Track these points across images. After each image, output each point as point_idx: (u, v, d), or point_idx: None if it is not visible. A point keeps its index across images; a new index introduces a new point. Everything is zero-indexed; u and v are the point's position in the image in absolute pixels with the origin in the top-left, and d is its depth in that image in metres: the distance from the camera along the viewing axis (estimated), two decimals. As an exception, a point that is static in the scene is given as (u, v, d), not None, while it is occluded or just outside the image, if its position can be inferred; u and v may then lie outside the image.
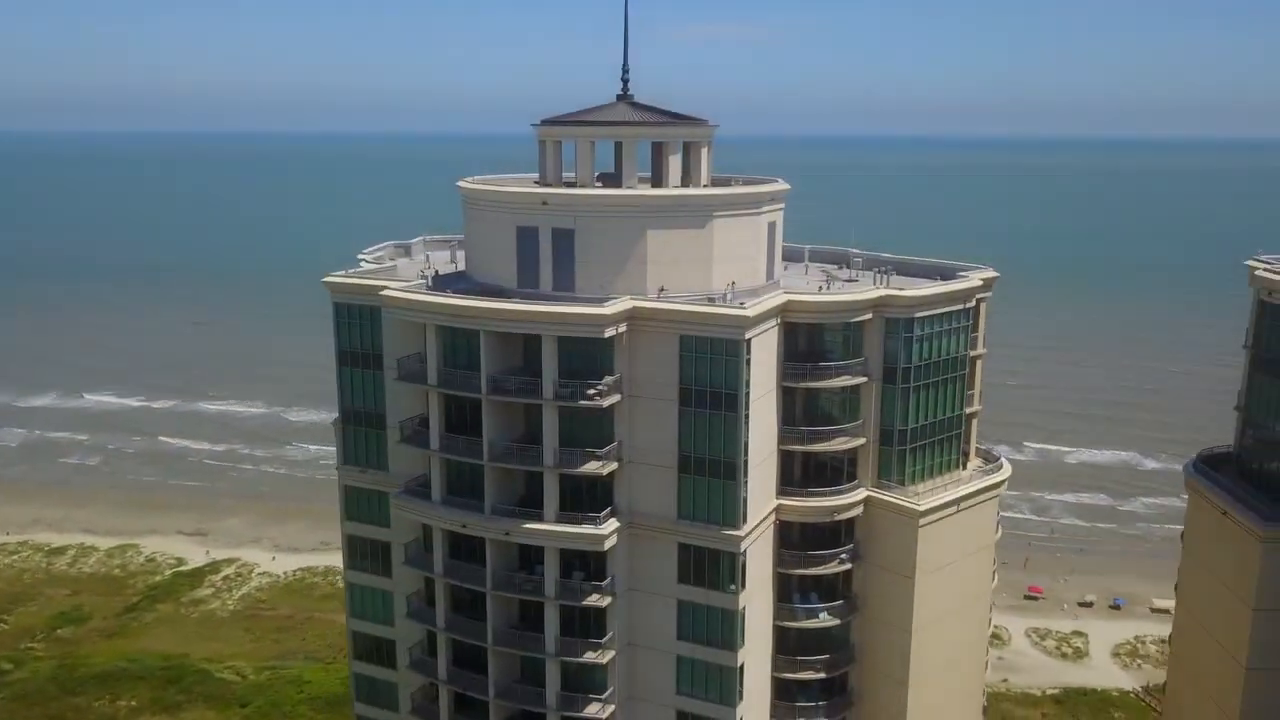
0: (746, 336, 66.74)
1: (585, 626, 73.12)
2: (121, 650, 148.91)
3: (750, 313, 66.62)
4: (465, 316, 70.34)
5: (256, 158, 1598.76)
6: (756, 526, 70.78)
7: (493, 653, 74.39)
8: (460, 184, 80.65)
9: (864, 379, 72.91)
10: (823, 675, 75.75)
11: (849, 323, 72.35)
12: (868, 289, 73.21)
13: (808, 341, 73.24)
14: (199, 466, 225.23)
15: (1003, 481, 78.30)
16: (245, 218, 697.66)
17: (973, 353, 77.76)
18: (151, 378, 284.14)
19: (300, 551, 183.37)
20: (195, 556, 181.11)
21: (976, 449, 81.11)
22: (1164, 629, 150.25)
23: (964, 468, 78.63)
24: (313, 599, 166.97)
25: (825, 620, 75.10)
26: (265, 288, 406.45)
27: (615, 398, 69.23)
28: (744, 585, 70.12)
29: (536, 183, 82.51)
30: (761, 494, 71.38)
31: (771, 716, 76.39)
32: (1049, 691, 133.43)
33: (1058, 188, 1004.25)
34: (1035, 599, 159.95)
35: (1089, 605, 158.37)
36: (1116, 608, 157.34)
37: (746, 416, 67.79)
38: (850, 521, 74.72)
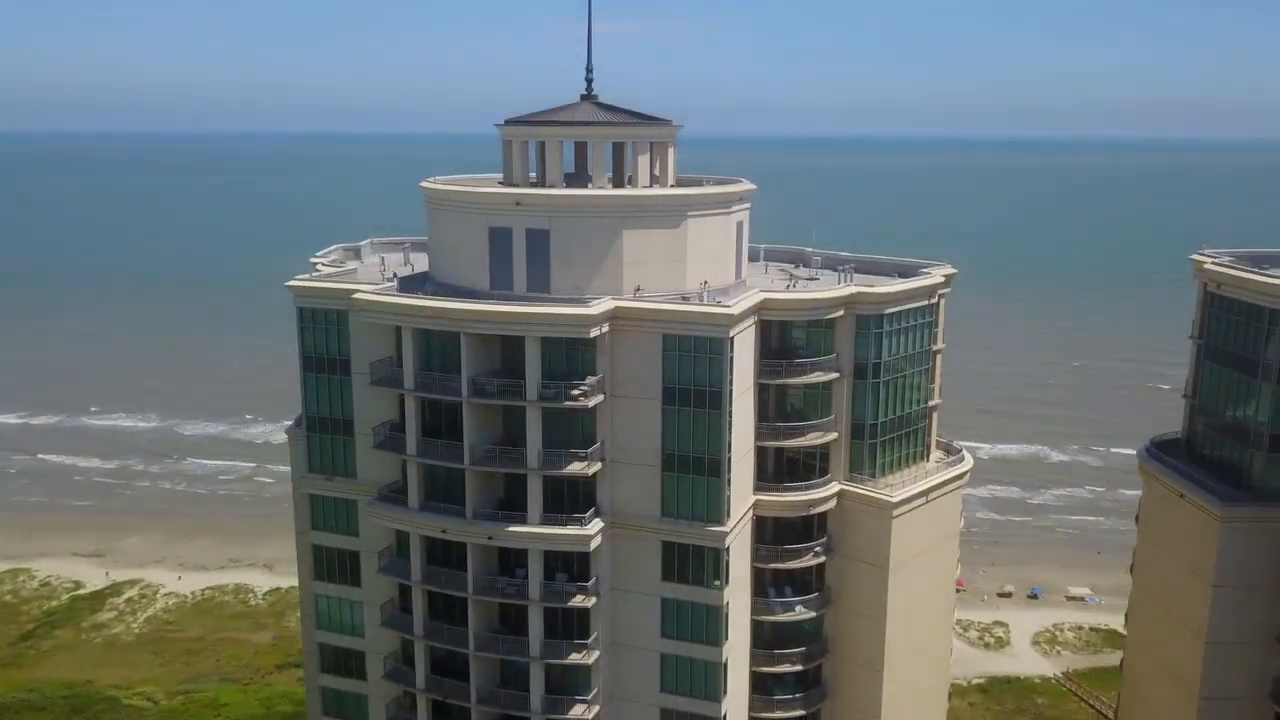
0: (730, 334, 69.59)
1: (568, 628, 75.07)
2: (19, 681, 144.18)
3: (735, 310, 69.50)
4: (446, 318, 71.70)
5: (205, 159, 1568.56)
6: (738, 522, 73.71)
7: (474, 658, 75.75)
8: (425, 185, 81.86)
9: (836, 375, 76.55)
10: (799, 668, 79.13)
11: (822, 320, 75.87)
12: (839, 286, 76.82)
13: (780, 339, 76.61)
14: (89, 485, 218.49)
15: (966, 472, 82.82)
16: (173, 221, 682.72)
17: (934, 347, 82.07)
18: (30, 392, 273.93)
19: (207, 570, 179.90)
20: (94, 579, 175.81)
21: (937, 441, 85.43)
22: (1080, 616, 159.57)
23: (928, 459, 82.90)
24: (223, 618, 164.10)
25: (801, 613, 78.48)
26: (161, 296, 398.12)
27: (599, 398, 71.36)
28: (728, 581, 72.93)
29: (501, 183, 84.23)
30: (741, 490, 74.37)
31: (750, 711, 79.34)
32: (974, 681, 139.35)
33: (987, 187, 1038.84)
34: (957, 590, 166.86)
35: (1008, 596, 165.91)
36: (1034, 597, 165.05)
37: (730, 413, 70.62)
38: (823, 515, 78.23)
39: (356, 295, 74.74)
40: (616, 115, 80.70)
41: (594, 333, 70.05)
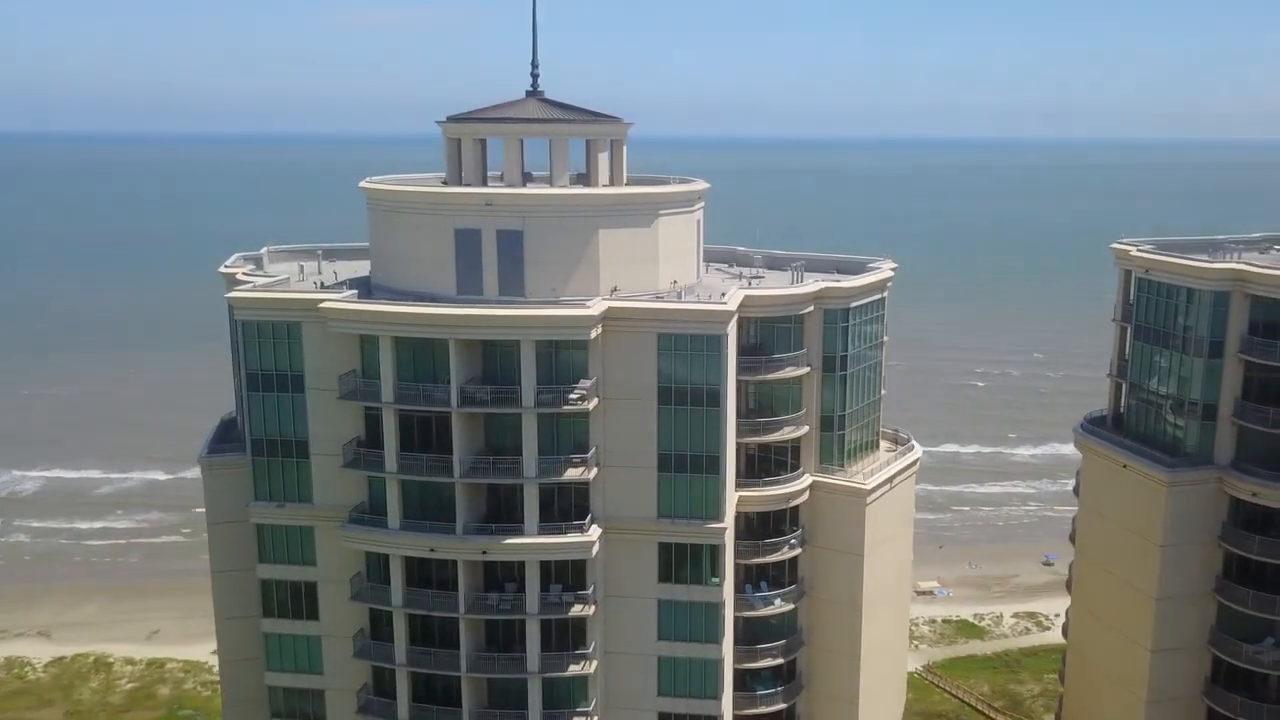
0: (726, 331, 75.86)
1: (563, 639, 79.10)
2: None
3: (732, 307, 75.83)
4: (433, 325, 74.24)
5: (87, 163, 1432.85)
6: (731, 518, 80.00)
7: (467, 680, 78.31)
8: (370, 185, 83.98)
9: (807, 369, 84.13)
10: (780, 661, 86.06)
11: (792, 315, 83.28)
12: (810, 282, 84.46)
13: (756, 336, 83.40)
14: None
15: (918, 460, 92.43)
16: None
17: (883, 340, 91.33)
18: None
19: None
20: None
21: (882, 431, 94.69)
22: (932, 610, 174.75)
23: (879, 449, 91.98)
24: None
25: (780, 606, 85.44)
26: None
27: (594, 401, 75.88)
28: (724, 577, 79.09)
29: (444, 183, 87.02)
30: (730, 487, 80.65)
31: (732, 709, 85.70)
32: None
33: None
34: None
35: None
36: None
37: (728, 410, 76.87)
38: (795, 508, 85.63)
39: (326, 305, 75.94)
40: (567, 112, 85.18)
41: (593, 334, 74.62)
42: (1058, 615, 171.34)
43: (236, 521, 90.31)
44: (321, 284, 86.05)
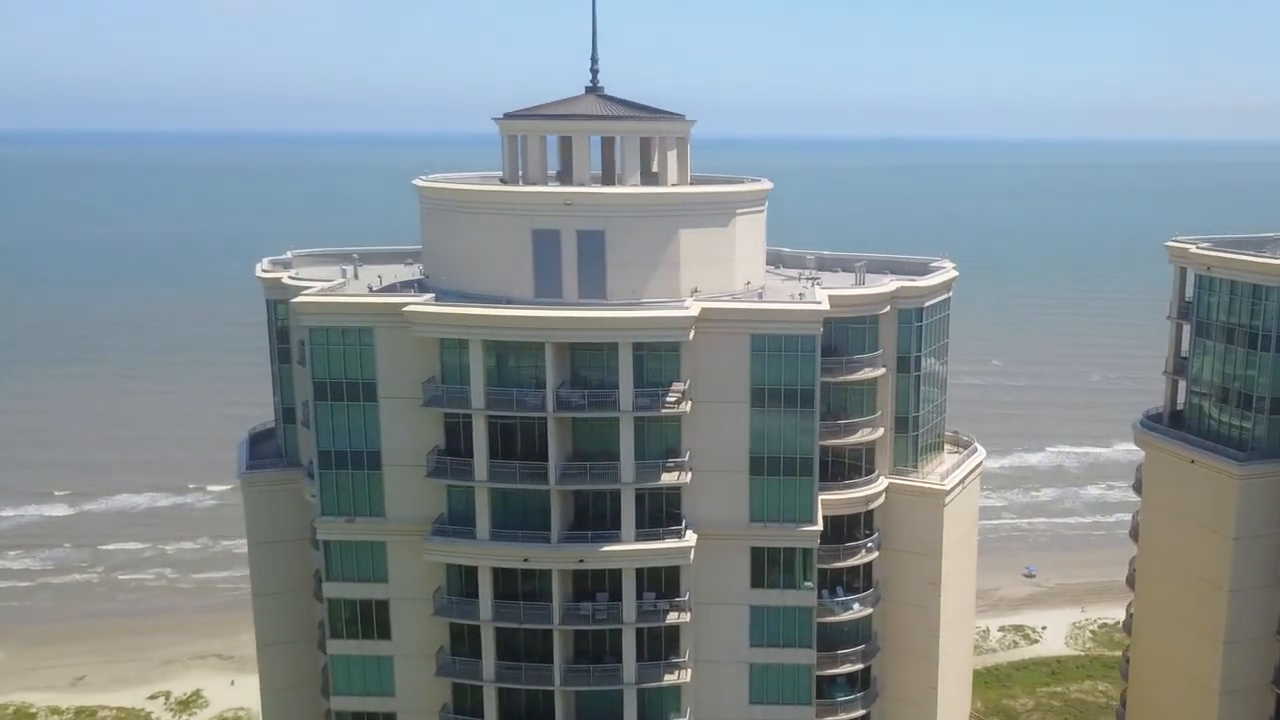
0: (820, 332, 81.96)
1: (656, 649, 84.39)
2: None
3: (826, 307, 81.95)
4: (529, 328, 79.12)
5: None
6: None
7: (560, 694, 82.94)
8: (434, 185, 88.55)
9: (883, 370, 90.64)
10: (860, 666, 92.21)
11: (867, 316, 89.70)
12: (886, 282, 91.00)
13: (830, 337, 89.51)
14: None
15: (982, 460, 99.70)
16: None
17: (948, 340, 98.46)
18: None
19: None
20: None
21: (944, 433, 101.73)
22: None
23: (943, 450, 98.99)
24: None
25: (858, 611, 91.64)
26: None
27: (688, 405, 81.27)
28: (815, 581, 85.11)
29: (502, 181, 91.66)
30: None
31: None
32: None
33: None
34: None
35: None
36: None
37: (819, 411, 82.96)
38: (871, 511, 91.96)
39: (410, 308, 79.95)
40: (637, 109, 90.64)
41: (690, 336, 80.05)
42: (1045, 627, 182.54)
43: (280, 541, 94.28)
44: (370, 288, 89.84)
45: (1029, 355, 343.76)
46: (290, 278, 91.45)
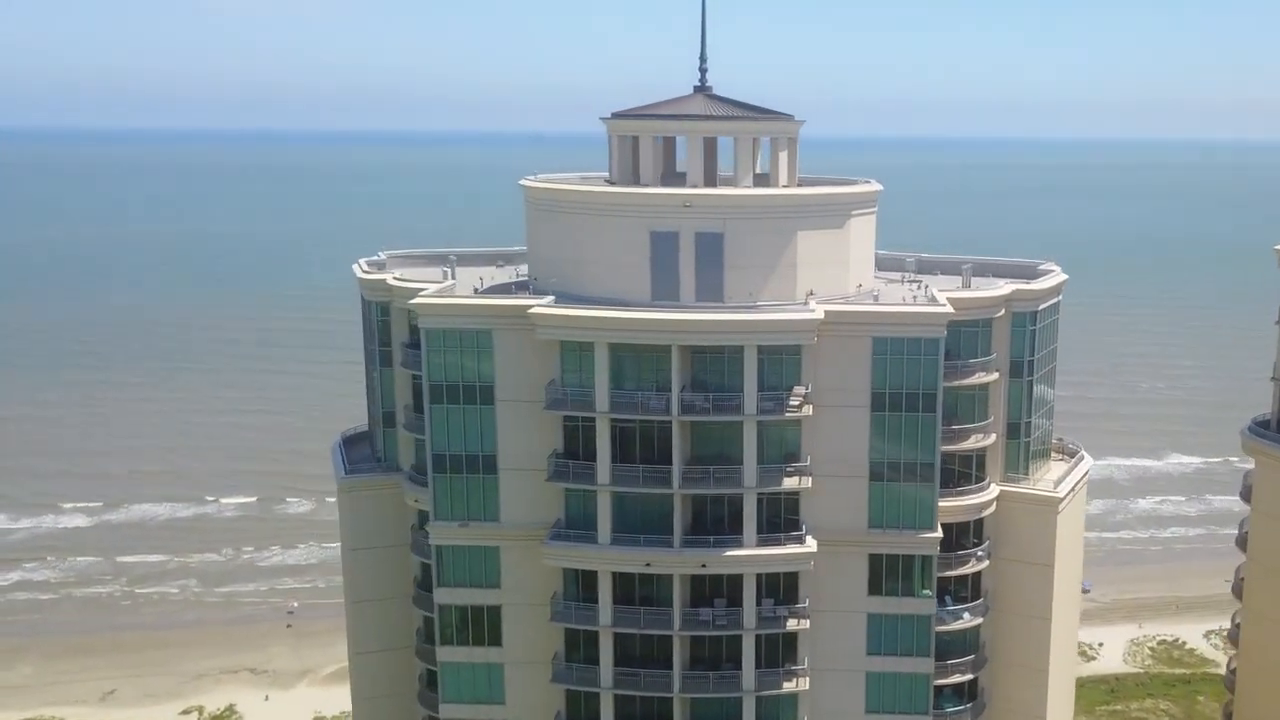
0: (944, 334, 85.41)
1: (774, 656, 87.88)
2: None
3: (950, 309, 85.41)
4: (657, 331, 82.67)
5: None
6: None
7: (679, 701, 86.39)
8: (545, 185, 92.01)
9: (996, 375, 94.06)
10: (970, 677, 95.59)
11: (981, 320, 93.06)
12: (999, 285, 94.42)
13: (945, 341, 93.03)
14: None
15: (1090, 467, 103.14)
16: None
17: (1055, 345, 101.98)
18: None
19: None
20: None
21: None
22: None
23: (1049, 458, 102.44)
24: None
25: (969, 620, 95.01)
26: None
27: (810, 408, 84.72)
28: (935, 589, 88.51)
29: (608, 182, 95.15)
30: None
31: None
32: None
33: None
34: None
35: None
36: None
37: (942, 415, 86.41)
38: (982, 519, 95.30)
39: (535, 310, 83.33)
40: (749, 110, 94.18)
41: (815, 339, 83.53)
42: (1101, 644, 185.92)
43: (377, 548, 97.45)
44: (475, 289, 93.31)
45: (1077, 364, 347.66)
46: (395, 279, 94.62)
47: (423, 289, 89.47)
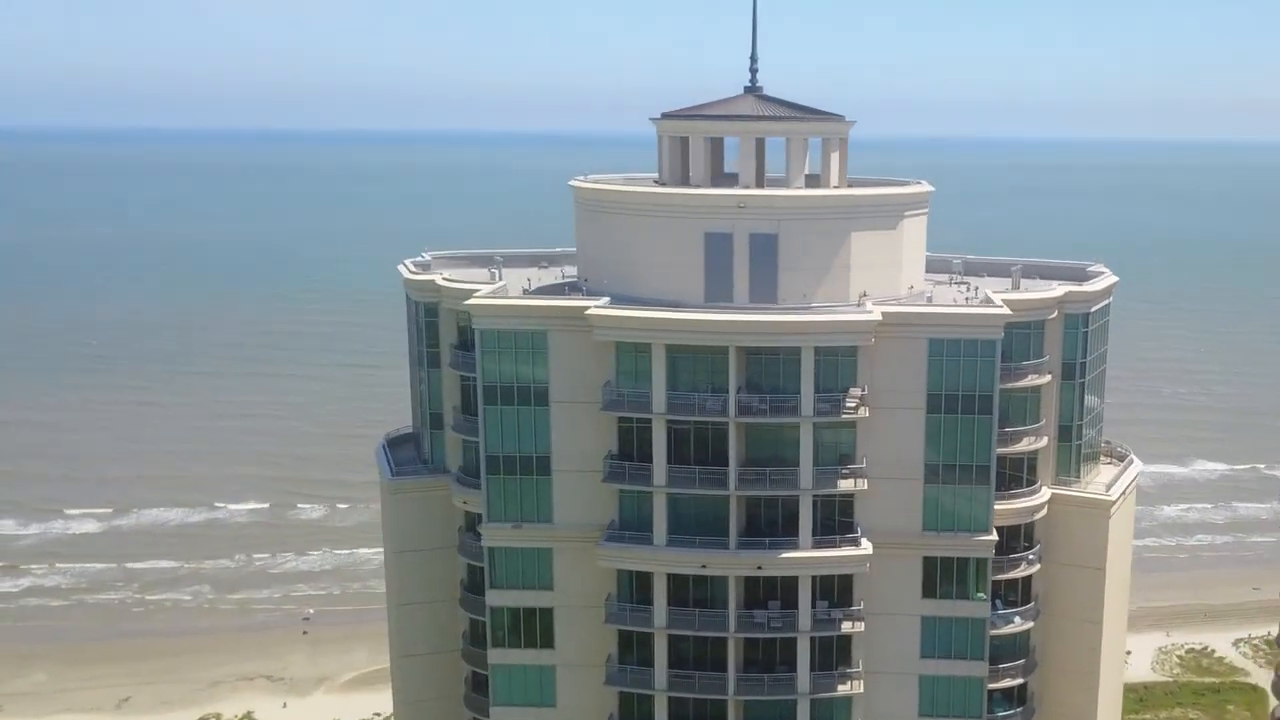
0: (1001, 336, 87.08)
1: (827, 658, 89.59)
2: None
3: (1006, 310, 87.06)
4: (715, 332, 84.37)
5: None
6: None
7: (734, 704, 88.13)
8: (595, 186, 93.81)
9: (1048, 377, 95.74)
10: (1020, 681, 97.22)
11: (1036, 320, 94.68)
12: (1053, 287, 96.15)
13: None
14: None
15: (1140, 471, 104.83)
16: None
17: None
18: None
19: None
20: None
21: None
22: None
23: (1099, 460, 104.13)
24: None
25: (1019, 625, 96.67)
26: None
27: (866, 410, 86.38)
28: (989, 592, 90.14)
29: (657, 183, 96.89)
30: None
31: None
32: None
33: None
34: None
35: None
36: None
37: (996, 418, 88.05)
38: (1033, 522, 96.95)
39: (593, 311, 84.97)
40: (800, 110, 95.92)
41: (872, 340, 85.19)
42: (1129, 652, 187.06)
43: (423, 550, 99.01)
44: (525, 290, 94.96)
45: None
46: (444, 279, 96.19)
47: (474, 290, 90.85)
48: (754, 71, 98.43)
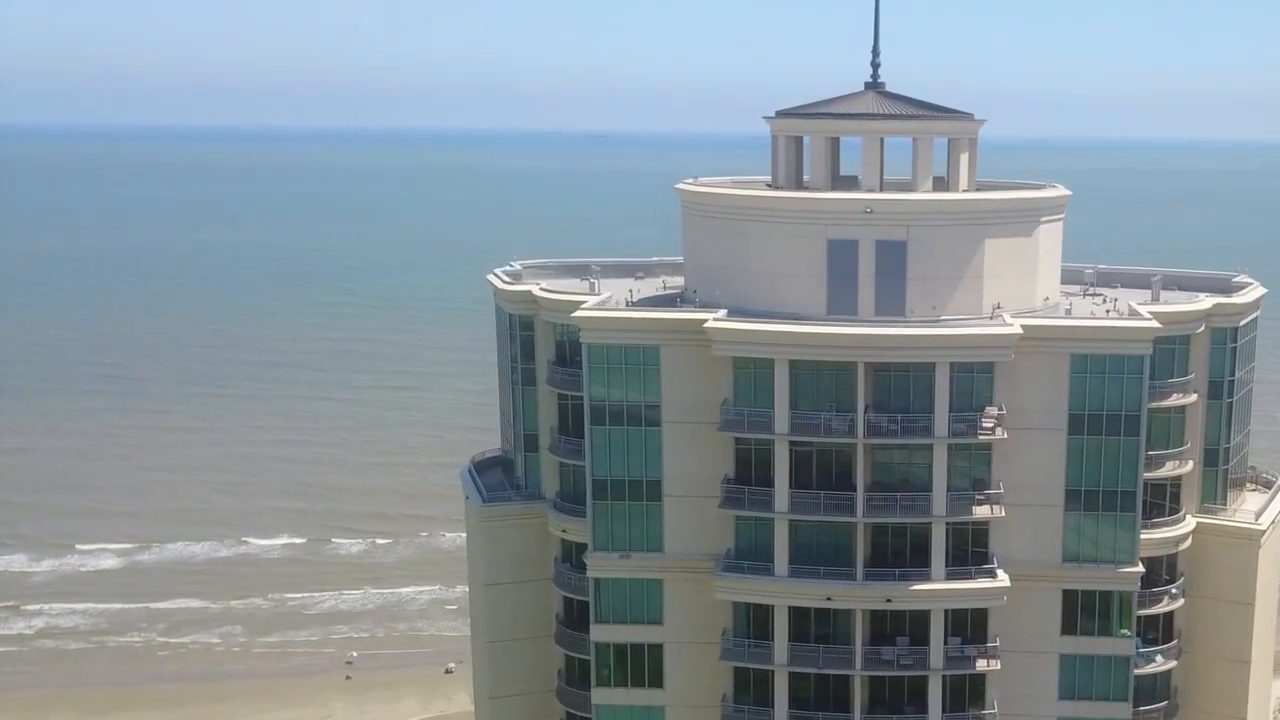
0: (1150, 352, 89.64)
1: (959, 699, 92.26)
2: None
3: (1156, 324, 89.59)
4: (844, 347, 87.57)
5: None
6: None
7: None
8: (707, 190, 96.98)
9: (1194, 396, 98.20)
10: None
11: (1183, 335, 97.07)
12: (1200, 299, 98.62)
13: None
14: None
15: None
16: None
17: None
18: None
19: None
20: None
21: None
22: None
23: (1244, 487, 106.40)
24: None
25: (1161, 664, 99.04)
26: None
27: (1003, 431, 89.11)
28: (1134, 629, 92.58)
29: (770, 186, 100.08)
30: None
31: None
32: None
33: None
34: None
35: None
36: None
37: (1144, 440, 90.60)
38: (1176, 554, 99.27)
39: (712, 325, 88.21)
40: (927, 108, 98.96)
41: (1011, 355, 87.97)
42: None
43: (516, 582, 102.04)
44: (628, 302, 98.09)
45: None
46: (542, 289, 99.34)
47: (576, 302, 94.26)
48: (875, 66, 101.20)
